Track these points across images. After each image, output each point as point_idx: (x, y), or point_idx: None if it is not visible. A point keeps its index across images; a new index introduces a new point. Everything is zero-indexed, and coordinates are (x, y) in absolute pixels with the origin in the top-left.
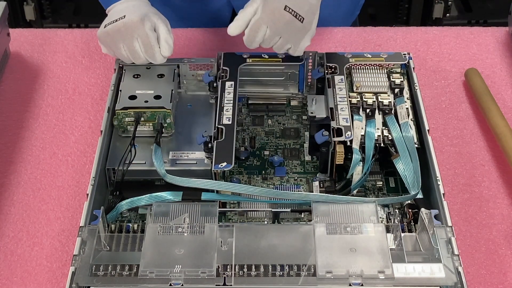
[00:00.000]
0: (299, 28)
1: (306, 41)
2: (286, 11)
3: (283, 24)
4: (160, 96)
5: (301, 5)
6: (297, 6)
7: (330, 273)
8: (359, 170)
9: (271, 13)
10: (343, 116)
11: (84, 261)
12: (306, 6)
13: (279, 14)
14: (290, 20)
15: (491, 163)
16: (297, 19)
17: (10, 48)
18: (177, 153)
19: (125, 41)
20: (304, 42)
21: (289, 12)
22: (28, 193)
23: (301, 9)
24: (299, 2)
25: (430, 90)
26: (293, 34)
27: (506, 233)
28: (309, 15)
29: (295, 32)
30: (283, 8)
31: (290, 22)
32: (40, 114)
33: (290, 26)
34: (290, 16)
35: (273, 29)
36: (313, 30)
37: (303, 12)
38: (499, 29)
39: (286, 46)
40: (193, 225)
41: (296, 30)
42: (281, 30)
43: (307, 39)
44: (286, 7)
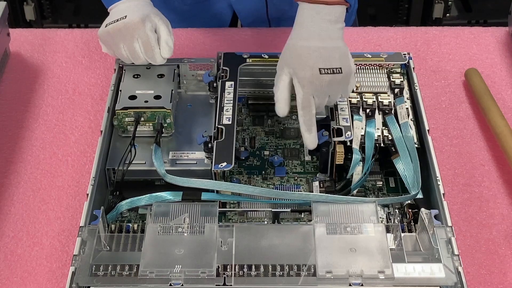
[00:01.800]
0: (341, 79)
1: (352, 84)
2: (323, 74)
3: (326, 86)
4: (160, 96)
5: (332, 56)
6: (329, 62)
7: (330, 273)
8: (359, 170)
9: (310, 84)
10: (343, 116)
11: (84, 261)
12: (336, 54)
13: (318, 81)
14: (331, 79)
15: (491, 163)
16: (337, 73)
17: (10, 48)
18: (177, 153)
19: (125, 41)
20: (351, 86)
21: (326, 73)
22: (28, 193)
23: (334, 60)
24: (328, 54)
25: (430, 90)
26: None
27: (506, 233)
28: (343, 60)
29: (340, 83)
30: (319, 73)
31: (332, 80)
32: (40, 114)
33: (333, 83)
34: (329, 75)
35: (320, 96)
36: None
37: (336, 62)
38: (499, 29)
39: (338, 98)
40: (193, 225)
41: (340, 82)
42: (327, 92)
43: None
44: (321, 69)
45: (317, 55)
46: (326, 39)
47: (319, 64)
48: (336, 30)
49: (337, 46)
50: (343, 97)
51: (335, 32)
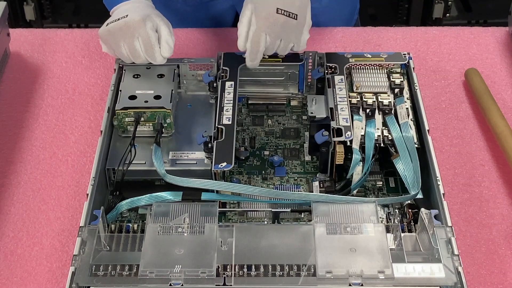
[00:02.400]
0: (295, 25)
1: (305, 35)
2: (279, 14)
3: (280, 27)
4: (160, 96)
5: (292, 2)
6: (288, 5)
7: (330, 273)
8: (359, 170)
9: (265, 20)
10: (343, 116)
11: (84, 261)
12: (296, 1)
13: (273, 18)
14: (285, 21)
15: (491, 163)
16: (291, 18)
17: (10, 48)
18: (177, 153)
19: (126, 40)
20: (304, 36)
21: (281, 14)
22: (28, 193)
23: (293, 6)
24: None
25: (430, 90)
26: (292, 33)
27: (506, 233)
28: (301, 10)
29: (293, 30)
30: (275, 12)
31: (286, 23)
32: (40, 114)
33: (286, 27)
34: (284, 17)
35: (272, 35)
36: (308, 22)
37: (295, 9)
38: (499, 29)
39: (289, 46)
40: (193, 225)
41: (294, 28)
42: (279, 33)
43: (305, 33)
44: (278, 9)
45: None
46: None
47: (278, 4)
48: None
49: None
50: (295, 49)
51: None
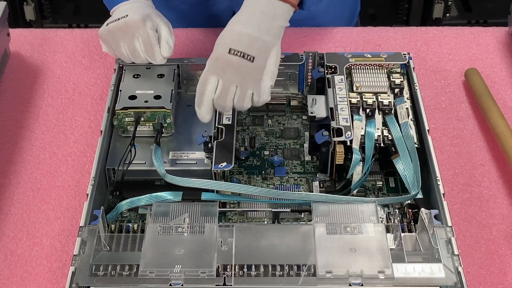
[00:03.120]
0: (252, 69)
1: (266, 81)
2: (231, 54)
3: (232, 70)
4: (160, 96)
5: (250, 43)
6: (244, 46)
7: (330, 273)
8: (359, 170)
9: (215, 60)
10: (343, 116)
11: (84, 261)
12: (257, 43)
13: (224, 59)
14: (238, 62)
15: (491, 163)
16: (246, 59)
17: (10, 48)
18: (177, 153)
19: (126, 39)
20: (265, 83)
21: (234, 54)
22: (28, 193)
23: (250, 47)
24: (247, 40)
25: (430, 90)
26: (249, 78)
27: (506, 233)
28: (261, 52)
29: (249, 75)
30: (227, 52)
31: (239, 65)
32: (40, 114)
33: (241, 70)
34: (237, 58)
35: (224, 78)
36: (270, 69)
37: (252, 50)
38: (499, 29)
39: (248, 94)
40: (193, 225)
41: (250, 73)
42: (232, 77)
43: (267, 80)
44: (231, 49)
45: (237, 38)
46: (254, 28)
47: (232, 45)
48: (277, 27)
49: (266, 40)
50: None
51: (274, 28)
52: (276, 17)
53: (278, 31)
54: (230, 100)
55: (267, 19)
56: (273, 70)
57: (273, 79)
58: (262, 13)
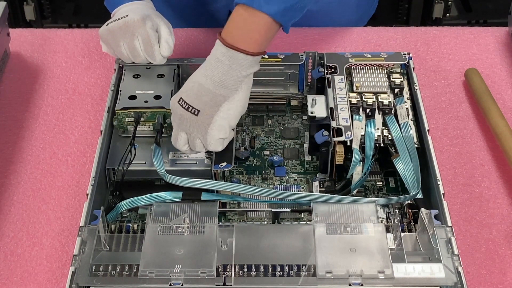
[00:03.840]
0: (195, 122)
1: (213, 134)
2: (178, 104)
3: (178, 119)
4: (160, 96)
5: (198, 96)
6: (192, 98)
7: (330, 273)
8: (359, 170)
9: (171, 108)
10: (343, 116)
11: (84, 261)
12: (205, 96)
13: (174, 107)
14: (183, 114)
15: (491, 163)
16: (190, 112)
17: (10, 48)
18: (177, 153)
19: (126, 39)
20: (211, 136)
21: (180, 105)
22: (28, 193)
23: (197, 100)
24: (197, 92)
25: (430, 90)
26: (193, 128)
27: (506, 233)
28: (208, 107)
29: (193, 126)
30: (177, 101)
31: (183, 117)
32: (40, 114)
33: (185, 120)
34: (182, 109)
35: (174, 125)
36: (218, 123)
37: (199, 104)
38: (499, 29)
39: (196, 142)
40: (193, 225)
41: (194, 124)
42: (180, 125)
43: (213, 133)
44: (180, 99)
45: (190, 87)
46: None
47: (183, 95)
48: (234, 78)
49: (217, 93)
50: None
51: (229, 80)
52: (233, 67)
53: (234, 83)
54: (181, 144)
55: (222, 68)
56: (221, 124)
57: (222, 132)
58: (218, 61)
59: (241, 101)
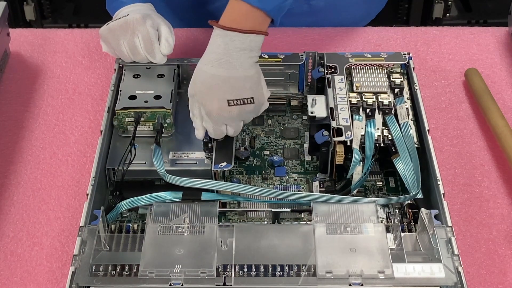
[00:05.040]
0: (254, 107)
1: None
2: (231, 106)
3: (237, 116)
4: (160, 96)
5: (243, 87)
6: (238, 92)
7: (330, 273)
8: (359, 170)
9: (219, 116)
10: (343, 116)
11: (84, 261)
12: (247, 83)
13: (227, 112)
14: (241, 110)
15: (491, 163)
16: (248, 103)
17: (10, 48)
18: (177, 153)
19: (126, 37)
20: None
21: (234, 104)
22: (28, 193)
23: (244, 90)
24: (239, 85)
25: (430, 90)
26: (253, 113)
27: (506, 233)
28: (254, 89)
29: (252, 113)
30: (227, 105)
31: (242, 111)
32: (40, 114)
33: (244, 113)
34: (238, 107)
35: (232, 124)
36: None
37: (247, 92)
38: (499, 29)
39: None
40: (193, 225)
41: (253, 111)
42: (239, 120)
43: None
44: (229, 101)
45: (227, 86)
46: (238, 68)
47: (228, 96)
48: (248, 59)
49: (248, 75)
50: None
51: (247, 61)
52: (251, 49)
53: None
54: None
55: (244, 54)
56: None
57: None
58: (238, 50)
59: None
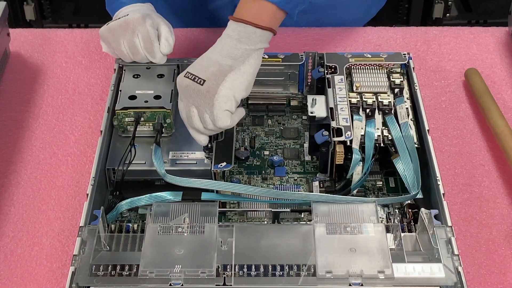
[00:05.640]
0: (202, 92)
1: (219, 107)
2: (185, 77)
3: (186, 92)
4: (160, 96)
5: (205, 67)
6: (198, 69)
7: (330, 273)
8: (359, 170)
9: (178, 84)
10: (343, 116)
11: (84, 261)
12: (211, 67)
13: (180, 81)
14: (190, 85)
15: (491, 163)
16: (196, 82)
17: (10, 48)
18: (177, 153)
19: (126, 36)
20: (217, 109)
21: (187, 77)
22: (28, 193)
23: (204, 71)
24: (204, 64)
25: (430, 90)
26: (200, 100)
27: (506, 233)
28: (213, 77)
29: (200, 97)
30: (183, 75)
31: (191, 88)
32: (40, 114)
33: (193, 93)
34: (189, 81)
35: (182, 99)
36: (223, 94)
37: (205, 74)
38: (499, 29)
39: (205, 117)
40: (193, 225)
41: (201, 96)
42: (188, 99)
43: (218, 105)
44: (187, 73)
45: (197, 61)
46: (222, 54)
47: (191, 69)
48: (241, 51)
49: (223, 63)
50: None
51: (236, 52)
52: (242, 40)
53: (242, 55)
54: (196, 121)
55: (231, 43)
56: (227, 95)
57: (228, 104)
58: (228, 37)
59: (248, 74)
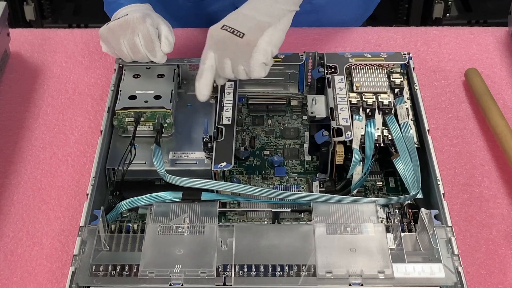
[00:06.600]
0: (241, 44)
1: (256, 58)
2: (222, 29)
3: (223, 43)
4: (160, 96)
5: (243, 22)
6: (236, 23)
7: (330, 273)
8: (359, 170)
9: (210, 36)
10: (343, 116)
11: (84, 261)
12: (250, 22)
13: (216, 33)
14: (228, 37)
15: (491, 163)
16: (235, 35)
17: (10, 48)
18: (177, 153)
19: (126, 36)
20: (254, 60)
21: (225, 29)
22: (28, 193)
23: (242, 25)
24: (241, 19)
25: (430, 90)
26: (238, 53)
27: (506, 233)
28: (252, 31)
29: (238, 50)
30: (220, 27)
31: (229, 40)
32: (40, 114)
33: (230, 44)
34: (227, 33)
35: (217, 52)
36: (262, 46)
37: (244, 28)
38: (499, 29)
39: (239, 69)
40: (193, 225)
41: (239, 48)
42: (224, 51)
43: (256, 57)
44: (224, 25)
45: (233, 16)
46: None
47: (227, 22)
48: (278, 10)
49: (261, 20)
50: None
51: (274, 11)
52: (279, 1)
53: (278, 13)
54: (228, 72)
55: (269, 2)
56: (265, 48)
57: (265, 57)
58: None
59: (282, 31)
